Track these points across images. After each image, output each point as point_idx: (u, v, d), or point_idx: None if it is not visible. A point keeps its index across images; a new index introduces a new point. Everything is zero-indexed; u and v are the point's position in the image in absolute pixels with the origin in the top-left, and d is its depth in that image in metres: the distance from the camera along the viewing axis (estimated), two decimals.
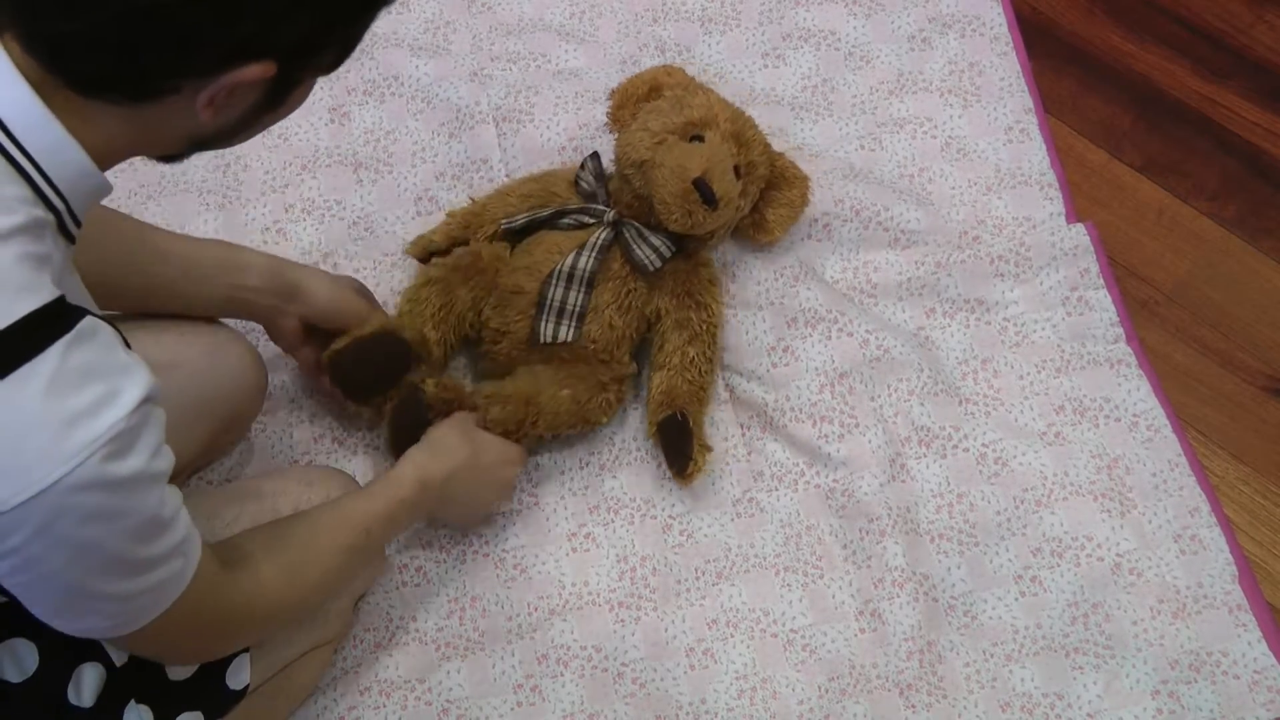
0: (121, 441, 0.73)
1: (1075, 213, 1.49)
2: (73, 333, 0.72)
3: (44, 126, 0.73)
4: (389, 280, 1.43)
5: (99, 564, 0.76)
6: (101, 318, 0.76)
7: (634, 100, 1.37)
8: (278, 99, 0.81)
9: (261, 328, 1.40)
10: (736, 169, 1.29)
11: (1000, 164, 1.51)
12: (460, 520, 1.29)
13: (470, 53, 1.59)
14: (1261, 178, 1.57)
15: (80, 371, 0.72)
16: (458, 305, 1.32)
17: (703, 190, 1.24)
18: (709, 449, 1.31)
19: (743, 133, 1.32)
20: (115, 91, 0.74)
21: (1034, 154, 1.52)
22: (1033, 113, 1.55)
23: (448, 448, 1.17)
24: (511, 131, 1.52)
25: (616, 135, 1.36)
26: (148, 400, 0.75)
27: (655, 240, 1.30)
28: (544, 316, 1.28)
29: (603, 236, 1.30)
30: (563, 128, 1.53)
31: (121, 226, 1.12)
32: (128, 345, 0.78)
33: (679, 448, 1.29)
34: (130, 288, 1.12)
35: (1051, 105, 1.61)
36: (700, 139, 1.29)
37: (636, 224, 1.31)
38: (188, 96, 0.75)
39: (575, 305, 1.28)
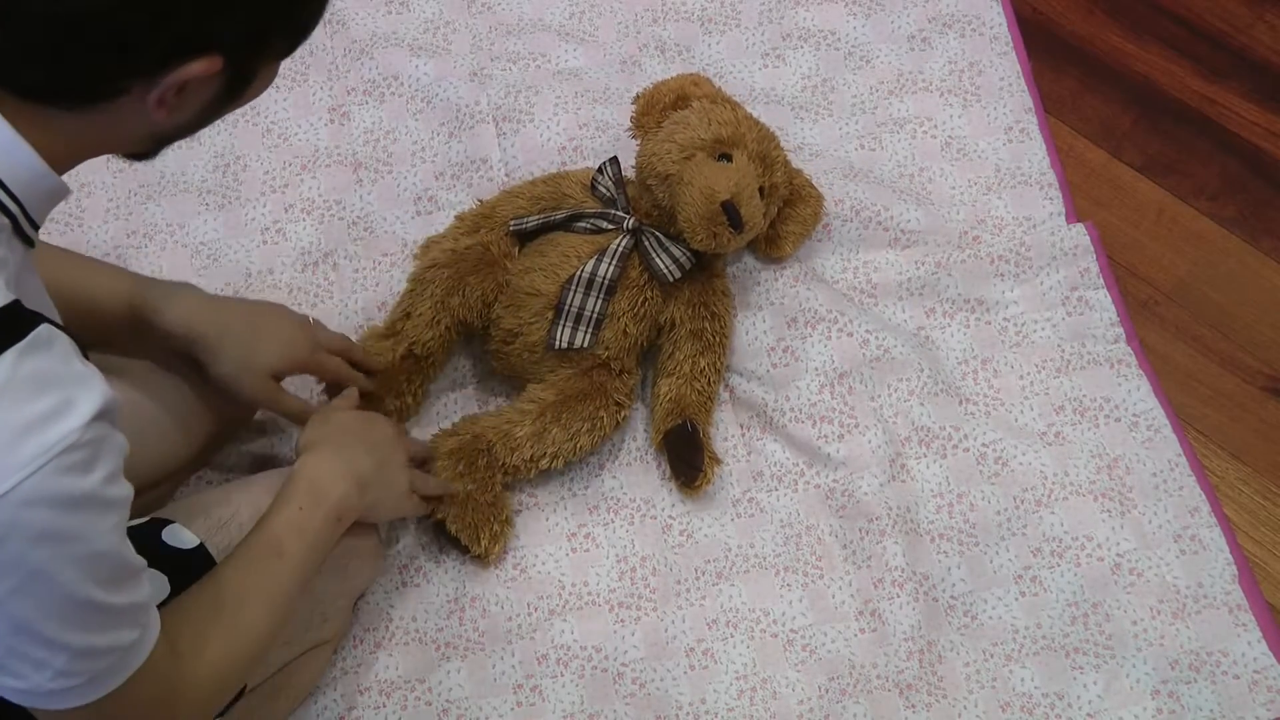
0: (76, 455, 0.70)
1: (1075, 213, 1.49)
2: (26, 340, 0.70)
3: None
4: (389, 280, 1.42)
5: (51, 598, 0.72)
6: (59, 326, 0.74)
7: (659, 108, 1.37)
8: (235, 90, 0.79)
9: None
10: (760, 189, 1.29)
11: (1000, 164, 1.51)
12: (391, 505, 1.16)
13: (470, 53, 1.59)
14: (1261, 178, 1.57)
15: (33, 380, 0.70)
16: (465, 293, 1.31)
17: (730, 214, 1.24)
18: (719, 461, 1.31)
19: (768, 153, 1.32)
20: (60, 98, 0.73)
21: (1034, 154, 1.52)
22: (1033, 113, 1.55)
23: (313, 435, 1.10)
24: (511, 131, 1.52)
25: (639, 142, 1.36)
26: (104, 414, 0.72)
27: (676, 250, 1.30)
28: (561, 322, 1.28)
29: (623, 244, 1.30)
30: (562, 128, 1.53)
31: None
32: (85, 356, 0.75)
33: (687, 458, 1.29)
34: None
35: (1051, 105, 1.61)
36: (728, 158, 1.29)
37: (657, 232, 1.31)
38: (137, 97, 0.73)
39: (593, 312, 1.28)
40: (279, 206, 1.48)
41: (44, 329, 0.72)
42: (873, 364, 1.38)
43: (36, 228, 0.78)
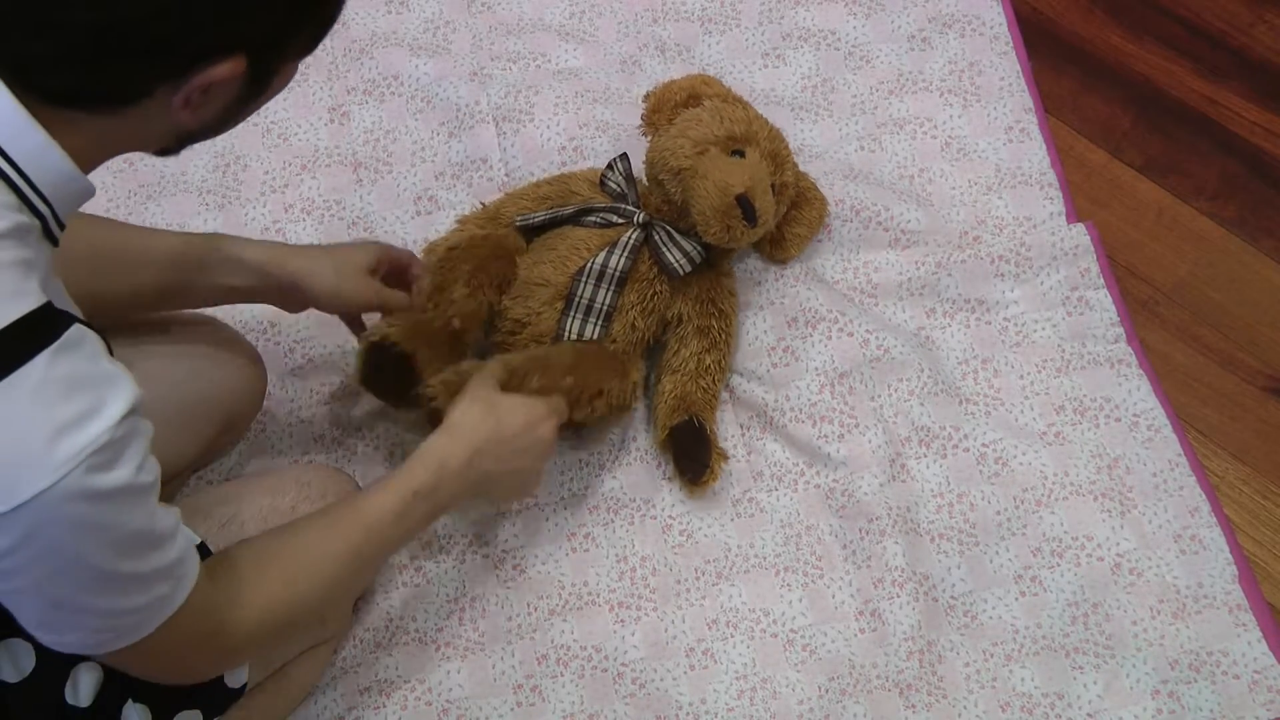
0: (108, 453, 0.72)
1: (1075, 213, 1.49)
2: (59, 341, 0.72)
3: (26, 133, 0.73)
4: None
5: (84, 577, 0.75)
6: (87, 324, 0.76)
7: (670, 106, 1.38)
8: (258, 88, 0.81)
9: (262, 327, 1.40)
10: (771, 186, 1.30)
11: (1000, 164, 1.51)
12: (510, 496, 1.22)
13: (470, 53, 1.59)
14: (1261, 178, 1.57)
15: (66, 382, 0.71)
16: (490, 271, 1.29)
17: (745, 208, 1.24)
18: (725, 456, 1.31)
19: (779, 152, 1.33)
20: (88, 102, 0.74)
21: (1034, 154, 1.52)
22: (1033, 112, 1.55)
23: (467, 427, 1.09)
24: (511, 131, 1.53)
25: (650, 139, 1.37)
26: (133, 412, 0.74)
27: (686, 245, 1.30)
28: (571, 313, 1.28)
29: (634, 237, 1.30)
30: (562, 127, 1.53)
31: (100, 233, 1.10)
32: (111, 353, 0.77)
33: (694, 454, 1.29)
34: (117, 295, 1.09)
35: (1051, 105, 1.61)
36: (740, 154, 1.29)
37: (667, 227, 1.31)
38: (162, 99, 0.75)
39: (603, 304, 1.28)
40: (279, 206, 1.48)
41: (75, 329, 0.73)
42: (873, 364, 1.38)
43: (63, 228, 0.79)
